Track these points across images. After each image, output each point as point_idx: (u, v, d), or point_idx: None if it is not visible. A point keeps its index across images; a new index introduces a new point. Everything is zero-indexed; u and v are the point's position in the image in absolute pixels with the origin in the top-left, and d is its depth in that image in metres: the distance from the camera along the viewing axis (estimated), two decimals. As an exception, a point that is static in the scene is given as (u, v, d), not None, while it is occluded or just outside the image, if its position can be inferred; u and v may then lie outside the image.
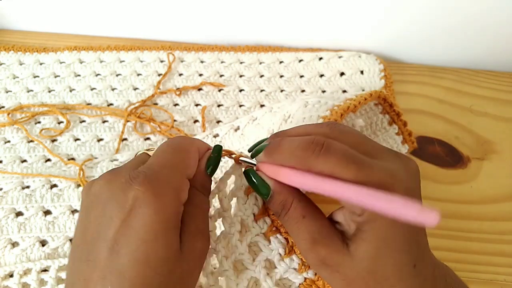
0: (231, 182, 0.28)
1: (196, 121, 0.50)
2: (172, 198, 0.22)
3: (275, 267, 0.26)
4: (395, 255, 0.22)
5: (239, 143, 0.43)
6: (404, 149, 0.43)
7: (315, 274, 0.26)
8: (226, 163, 0.39)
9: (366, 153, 0.23)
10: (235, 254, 0.26)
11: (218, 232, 0.27)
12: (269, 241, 0.27)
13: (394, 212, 0.18)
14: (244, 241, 0.26)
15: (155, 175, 0.22)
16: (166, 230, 0.21)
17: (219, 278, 0.26)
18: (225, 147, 0.28)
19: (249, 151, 0.27)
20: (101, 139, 0.47)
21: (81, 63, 0.55)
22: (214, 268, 0.26)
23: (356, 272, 0.22)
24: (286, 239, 0.26)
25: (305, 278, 0.26)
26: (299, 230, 0.24)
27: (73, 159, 0.45)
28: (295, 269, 0.26)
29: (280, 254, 0.26)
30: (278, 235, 0.27)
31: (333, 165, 0.21)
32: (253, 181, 0.26)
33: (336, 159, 0.21)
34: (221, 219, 0.27)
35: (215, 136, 0.45)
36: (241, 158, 0.27)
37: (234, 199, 0.27)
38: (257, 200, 0.27)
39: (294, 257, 0.26)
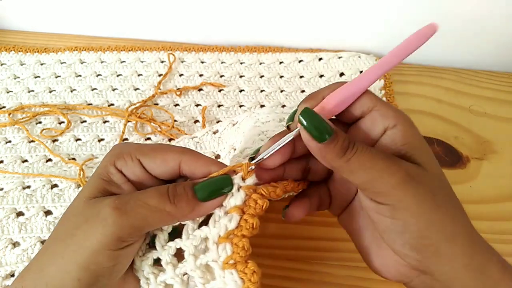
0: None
1: (196, 121, 0.50)
2: (109, 155, 0.25)
3: None
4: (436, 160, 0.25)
5: (234, 137, 0.42)
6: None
7: None
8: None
9: None
10: (186, 268, 0.25)
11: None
12: (224, 273, 0.23)
13: (415, 45, 0.26)
14: (200, 259, 0.24)
15: (123, 142, 0.27)
16: (92, 176, 0.25)
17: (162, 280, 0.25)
18: (223, 143, 0.27)
19: (251, 156, 0.26)
20: (102, 139, 0.48)
21: (82, 63, 0.55)
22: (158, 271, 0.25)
23: (433, 179, 0.23)
24: (242, 280, 0.23)
25: None
26: (373, 154, 0.23)
27: (74, 159, 0.45)
28: None
29: None
30: (233, 271, 0.23)
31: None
32: (313, 122, 0.23)
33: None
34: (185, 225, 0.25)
35: (215, 132, 0.45)
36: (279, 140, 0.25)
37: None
38: (230, 222, 0.24)
39: None
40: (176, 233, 0.26)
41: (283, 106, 0.51)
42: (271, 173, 0.27)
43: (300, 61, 0.55)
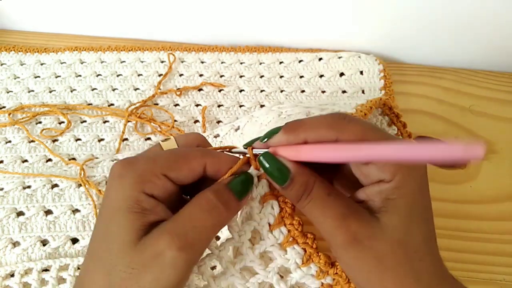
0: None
1: (196, 121, 0.50)
2: (131, 182, 0.22)
3: (291, 273, 0.26)
4: (423, 225, 0.23)
5: (239, 142, 0.43)
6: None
7: (333, 279, 0.26)
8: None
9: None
10: (245, 261, 0.26)
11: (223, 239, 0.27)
12: (285, 251, 0.26)
13: (441, 155, 0.18)
14: (257, 249, 0.26)
15: (130, 160, 0.23)
16: (120, 210, 0.22)
17: (223, 281, 0.26)
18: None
19: (247, 145, 0.27)
20: (102, 139, 0.48)
21: (82, 63, 0.55)
22: (215, 272, 0.26)
23: (389, 245, 0.22)
24: (304, 249, 0.26)
25: (322, 283, 0.26)
26: (325, 208, 0.23)
27: (74, 159, 0.45)
28: (312, 275, 0.26)
29: (297, 264, 0.26)
30: (295, 246, 0.26)
31: (364, 129, 0.22)
32: (271, 165, 0.24)
33: (365, 125, 0.22)
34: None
35: (216, 136, 0.45)
36: (254, 150, 0.26)
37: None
38: (273, 209, 0.26)
39: (312, 265, 0.26)
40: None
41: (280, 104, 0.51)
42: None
43: (300, 61, 0.55)
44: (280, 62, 0.55)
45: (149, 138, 0.48)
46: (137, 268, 0.21)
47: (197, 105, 0.51)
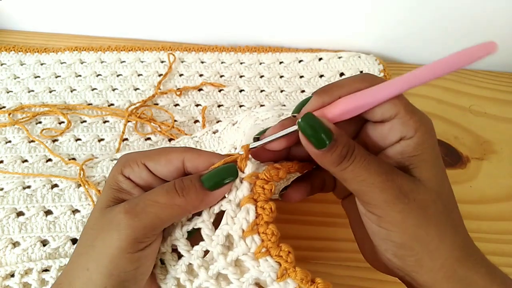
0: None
1: (196, 121, 0.50)
2: (116, 165, 0.26)
3: (268, 286, 0.24)
4: (446, 177, 0.25)
5: (235, 136, 0.43)
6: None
7: None
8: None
9: None
10: (218, 268, 0.25)
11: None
12: (259, 262, 0.24)
13: (465, 61, 0.22)
14: (230, 256, 0.25)
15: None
16: (105, 186, 0.26)
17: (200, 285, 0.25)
18: (223, 142, 0.27)
19: (256, 136, 0.26)
20: (102, 139, 0.48)
21: (82, 63, 0.55)
22: (190, 277, 0.26)
23: (429, 196, 0.23)
24: (279, 263, 0.24)
25: None
26: (369, 166, 0.23)
27: (74, 159, 0.45)
28: None
29: (272, 278, 0.24)
30: (268, 258, 0.24)
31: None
32: (314, 127, 0.23)
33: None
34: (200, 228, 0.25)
35: (215, 132, 0.45)
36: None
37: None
38: (248, 214, 0.24)
39: (289, 280, 0.24)
40: (193, 234, 0.26)
41: (283, 105, 0.51)
42: (275, 153, 0.27)
43: (300, 61, 0.55)
44: (280, 62, 0.55)
45: (149, 138, 0.48)
46: (95, 229, 0.24)
47: (197, 105, 0.51)
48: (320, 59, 0.55)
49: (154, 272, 0.27)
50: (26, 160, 0.45)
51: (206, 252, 0.26)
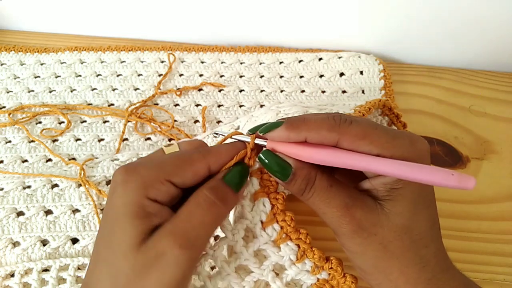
0: None
1: (196, 121, 0.50)
2: (135, 188, 0.22)
3: (286, 270, 0.26)
4: (427, 212, 0.24)
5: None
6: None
7: (329, 274, 0.26)
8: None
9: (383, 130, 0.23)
10: (240, 260, 0.26)
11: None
12: (279, 248, 0.26)
13: (435, 181, 0.20)
14: (251, 247, 0.26)
15: (133, 165, 0.23)
16: (124, 215, 0.22)
17: (219, 281, 0.26)
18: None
19: (251, 131, 0.26)
20: (102, 139, 0.48)
21: (82, 63, 0.55)
22: (211, 273, 0.26)
23: (393, 231, 0.23)
24: (298, 245, 0.26)
25: (318, 279, 0.26)
26: (329, 199, 0.23)
27: (74, 159, 0.45)
28: (307, 271, 0.26)
29: (292, 260, 0.26)
30: (289, 242, 0.26)
31: (364, 129, 0.22)
32: (272, 162, 0.24)
33: (365, 124, 0.23)
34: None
35: (215, 136, 0.45)
36: (256, 140, 0.25)
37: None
38: (264, 206, 0.26)
39: (306, 261, 0.26)
40: None
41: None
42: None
43: (300, 61, 0.55)
44: (280, 62, 0.55)
45: (149, 138, 0.48)
46: (141, 269, 0.21)
47: (197, 105, 0.51)
48: (320, 59, 0.55)
49: None
50: (26, 160, 0.45)
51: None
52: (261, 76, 0.54)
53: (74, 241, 0.39)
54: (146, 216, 0.22)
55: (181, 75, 0.54)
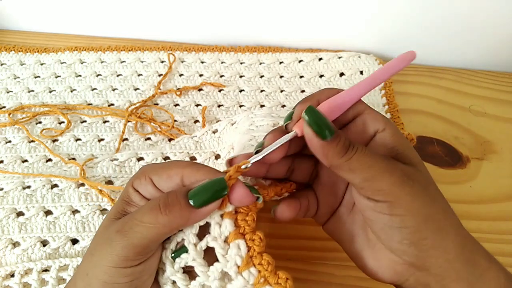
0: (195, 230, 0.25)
1: (196, 121, 0.50)
2: (132, 177, 0.26)
3: None
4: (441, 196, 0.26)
5: (230, 138, 0.43)
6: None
7: None
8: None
9: None
10: None
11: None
12: None
13: (394, 71, 0.26)
14: None
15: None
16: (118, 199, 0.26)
17: None
18: (223, 142, 0.27)
19: (256, 149, 0.26)
20: (102, 139, 0.48)
21: (82, 63, 0.55)
22: None
23: (424, 177, 0.25)
24: None
25: None
26: (373, 153, 0.24)
27: (74, 159, 0.45)
28: None
29: None
30: (267, 287, 0.24)
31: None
32: (317, 118, 0.24)
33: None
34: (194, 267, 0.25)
35: (214, 131, 0.45)
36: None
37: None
38: (239, 249, 0.24)
39: None
40: (186, 250, 0.26)
41: (283, 106, 0.51)
42: (262, 168, 0.28)
43: (300, 61, 0.55)
44: (280, 62, 0.55)
45: (149, 138, 0.48)
46: (98, 238, 0.25)
47: (197, 105, 0.51)
48: (320, 59, 0.55)
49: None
50: (26, 160, 0.45)
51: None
52: (261, 76, 0.54)
53: (74, 241, 0.39)
54: (128, 201, 0.25)
55: (181, 75, 0.54)
